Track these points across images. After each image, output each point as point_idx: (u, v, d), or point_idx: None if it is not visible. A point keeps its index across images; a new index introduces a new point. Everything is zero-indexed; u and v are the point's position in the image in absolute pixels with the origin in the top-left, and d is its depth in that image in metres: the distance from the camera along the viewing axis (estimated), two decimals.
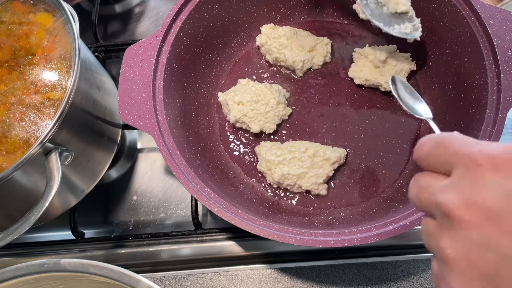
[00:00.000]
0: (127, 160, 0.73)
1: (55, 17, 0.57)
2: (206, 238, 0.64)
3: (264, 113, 0.65)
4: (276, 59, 0.70)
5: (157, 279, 0.62)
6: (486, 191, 0.26)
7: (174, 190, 0.70)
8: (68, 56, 0.54)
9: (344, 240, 0.48)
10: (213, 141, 0.67)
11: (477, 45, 0.56)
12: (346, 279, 0.60)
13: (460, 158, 0.28)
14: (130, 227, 0.68)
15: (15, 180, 0.49)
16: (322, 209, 0.62)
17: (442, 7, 0.60)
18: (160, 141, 0.54)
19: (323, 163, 0.61)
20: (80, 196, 0.62)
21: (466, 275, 0.27)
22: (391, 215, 0.51)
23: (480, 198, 0.26)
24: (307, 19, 0.75)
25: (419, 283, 0.60)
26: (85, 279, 0.43)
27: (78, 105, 0.53)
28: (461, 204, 0.27)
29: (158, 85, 0.58)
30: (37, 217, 0.48)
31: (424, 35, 0.66)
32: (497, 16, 0.55)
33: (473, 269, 0.27)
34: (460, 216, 0.27)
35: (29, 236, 0.69)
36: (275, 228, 0.49)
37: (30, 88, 0.53)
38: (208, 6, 0.65)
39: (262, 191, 0.64)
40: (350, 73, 0.69)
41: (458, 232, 0.27)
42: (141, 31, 0.85)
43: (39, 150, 0.48)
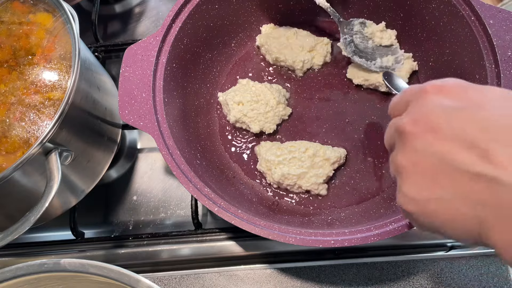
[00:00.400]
0: (127, 160, 0.73)
1: (55, 17, 0.57)
2: (206, 238, 0.64)
3: (264, 113, 0.65)
4: (276, 59, 0.70)
5: (157, 279, 0.62)
6: (428, 109, 0.32)
7: (174, 190, 0.70)
8: (68, 56, 0.54)
9: (344, 240, 0.48)
10: (213, 141, 0.67)
11: (477, 45, 0.56)
12: (346, 279, 0.60)
13: (414, 93, 0.34)
14: (130, 227, 0.68)
15: (15, 180, 0.49)
16: (322, 209, 0.62)
17: (442, 7, 0.60)
18: (160, 141, 0.54)
19: (323, 163, 0.61)
20: (80, 196, 0.62)
21: (412, 178, 0.32)
22: (391, 215, 0.51)
23: (424, 114, 0.32)
24: (307, 19, 0.75)
25: (419, 283, 0.60)
26: (85, 279, 0.43)
27: (78, 105, 0.53)
28: (410, 122, 0.33)
29: (158, 85, 0.58)
30: (37, 217, 0.48)
31: (424, 35, 0.66)
32: (497, 16, 0.55)
33: (418, 172, 0.32)
34: (408, 131, 0.32)
35: (29, 236, 0.69)
36: (275, 228, 0.49)
37: (30, 88, 0.53)
38: (208, 6, 0.65)
39: (262, 191, 0.64)
40: (348, 73, 0.69)
41: (407, 145, 0.33)
42: (141, 31, 0.85)
43: (39, 150, 0.48)
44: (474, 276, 0.60)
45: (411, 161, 0.32)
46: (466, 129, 0.29)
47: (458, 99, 0.31)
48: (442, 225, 0.31)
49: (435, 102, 0.32)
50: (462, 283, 0.59)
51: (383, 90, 0.67)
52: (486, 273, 0.60)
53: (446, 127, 0.30)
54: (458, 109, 0.30)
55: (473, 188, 0.28)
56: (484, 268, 0.60)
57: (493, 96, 0.30)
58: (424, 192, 0.31)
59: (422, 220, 0.33)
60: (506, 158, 0.27)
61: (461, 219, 0.30)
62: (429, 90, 0.33)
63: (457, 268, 0.60)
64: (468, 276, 0.60)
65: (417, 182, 0.32)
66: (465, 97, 0.31)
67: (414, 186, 0.32)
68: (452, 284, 0.59)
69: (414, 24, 0.67)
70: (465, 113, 0.30)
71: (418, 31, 0.67)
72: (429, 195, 0.31)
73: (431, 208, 0.31)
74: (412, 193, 0.32)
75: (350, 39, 0.67)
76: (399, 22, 0.68)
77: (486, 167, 0.27)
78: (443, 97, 0.32)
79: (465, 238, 0.31)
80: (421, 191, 0.31)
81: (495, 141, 0.28)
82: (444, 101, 0.31)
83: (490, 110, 0.29)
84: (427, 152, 0.31)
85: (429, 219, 0.32)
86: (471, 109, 0.30)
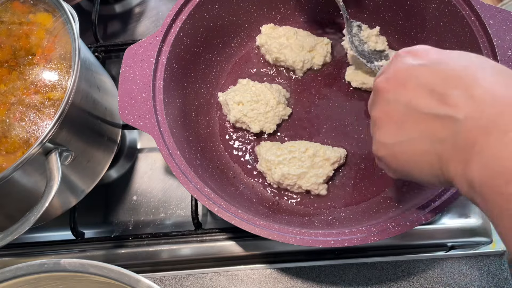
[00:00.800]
0: (127, 160, 0.73)
1: (55, 17, 0.57)
2: (206, 238, 0.64)
3: (264, 113, 0.65)
4: (276, 59, 0.70)
5: (157, 279, 0.62)
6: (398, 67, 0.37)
7: (174, 190, 0.70)
8: (68, 56, 0.54)
9: (344, 240, 0.48)
10: (213, 141, 0.67)
11: (477, 45, 0.56)
12: (346, 279, 0.60)
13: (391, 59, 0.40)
14: (130, 227, 0.68)
15: (15, 180, 0.49)
16: (322, 209, 0.62)
17: (442, 7, 0.60)
18: (160, 141, 0.54)
19: (323, 163, 0.61)
20: (80, 196, 0.62)
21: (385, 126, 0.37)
22: (391, 215, 0.51)
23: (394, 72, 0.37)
24: (307, 19, 0.75)
25: (419, 283, 0.60)
26: (85, 279, 0.42)
27: (78, 105, 0.53)
28: (383, 80, 0.38)
29: (158, 85, 0.58)
30: (37, 217, 0.48)
31: (424, 35, 0.66)
32: (497, 16, 0.55)
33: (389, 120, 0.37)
34: (381, 87, 0.38)
35: (29, 236, 0.69)
36: (275, 228, 0.49)
37: (30, 88, 0.53)
38: (208, 6, 0.65)
39: (262, 191, 0.64)
40: (346, 76, 0.69)
41: (380, 99, 0.38)
42: (141, 31, 0.85)
43: (39, 150, 0.48)
44: (474, 276, 0.60)
45: (384, 112, 0.37)
46: (428, 80, 0.34)
47: (423, 58, 0.36)
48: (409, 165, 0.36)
49: (404, 61, 0.37)
50: (462, 283, 0.59)
51: None
52: (486, 273, 0.60)
53: (412, 80, 0.35)
54: (422, 65, 0.36)
55: (433, 128, 0.33)
56: (484, 268, 0.60)
57: (450, 54, 0.36)
58: (393, 137, 0.36)
59: (392, 163, 0.38)
60: (459, 100, 0.31)
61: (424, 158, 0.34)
62: (400, 53, 0.38)
63: (457, 268, 0.60)
64: (468, 276, 0.60)
65: (388, 129, 0.37)
66: (428, 56, 0.36)
67: (385, 133, 0.37)
68: (452, 284, 0.59)
69: (414, 24, 0.67)
70: (427, 67, 0.35)
71: (418, 31, 0.67)
72: (397, 139, 0.36)
73: (398, 150, 0.36)
74: (384, 138, 0.37)
75: (351, 40, 0.67)
76: (399, 22, 0.68)
77: (444, 108, 0.32)
78: (410, 57, 0.37)
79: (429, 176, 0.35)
80: (391, 136, 0.36)
81: (451, 87, 0.32)
82: (411, 60, 0.37)
83: (447, 64, 0.34)
84: (397, 102, 0.36)
85: (397, 161, 0.37)
86: (432, 64, 0.35)
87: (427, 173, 0.35)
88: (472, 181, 0.29)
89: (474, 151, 0.29)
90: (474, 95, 0.31)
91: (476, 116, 0.30)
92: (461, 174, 0.30)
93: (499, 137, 0.28)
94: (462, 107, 0.31)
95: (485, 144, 0.28)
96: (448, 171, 0.32)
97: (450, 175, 0.32)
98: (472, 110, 0.30)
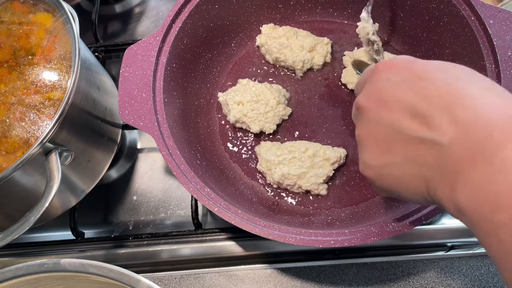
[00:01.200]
0: (127, 160, 0.73)
1: (55, 17, 0.57)
2: (206, 238, 0.64)
3: (264, 113, 0.65)
4: (276, 59, 0.70)
5: (157, 279, 0.62)
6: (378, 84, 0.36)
7: (174, 190, 0.70)
8: (68, 56, 0.54)
9: (344, 240, 0.48)
10: (213, 141, 0.67)
11: (477, 45, 0.56)
12: (346, 279, 0.60)
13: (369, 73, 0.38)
14: (130, 227, 0.68)
15: (15, 180, 0.49)
16: (322, 209, 0.62)
17: (442, 7, 0.60)
18: (160, 141, 0.54)
19: (323, 163, 0.61)
20: (80, 196, 0.62)
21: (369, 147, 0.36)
22: (391, 215, 0.51)
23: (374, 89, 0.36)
24: (307, 19, 0.75)
25: (419, 283, 0.60)
26: (85, 279, 0.43)
27: (78, 105, 0.53)
28: (364, 98, 0.37)
29: (158, 85, 0.58)
30: (37, 217, 0.48)
31: (424, 35, 0.66)
32: (497, 16, 0.55)
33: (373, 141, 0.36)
34: (362, 106, 0.37)
35: (29, 236, 0.69)
36: (275, 228, 0.49)
37: (30, 88, 0.53)
38: (208, 6, 0.65)
39: (262, 191, 0.64)
40: (342, 79, 0.69)
41: (362, 118, 0.37)
42: (141, 31, 0.85)
43: (39, 150, 0.48)
44: (474, 276, 0.60)
45: (366, 131, 0.36)
46: (409, 99, 0.33)
47: (403, 73, 0.34)
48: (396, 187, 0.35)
49: (383, 77, 0.36)
50: (462, 283, 0.59)
51: None
52: (486, 273, 0.60)
53: (393, 99, 0.34)
54: (401, 81, 0.34)
55: (418, 152, 0.32)
56: (484, 268, 0.60)
57: (432, 67, 0.34)
58: (378, 159, 0.35)
59: (380, 184, 0.37)
60: (443, 122, 0.30)
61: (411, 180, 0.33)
62: (380, 67, 0.37)
63: (457, 268, 0.60)
64: (468, 276, 0.60)
65: (373, 150, 0.36)
66: (408, 70, 0.34)
67: (370, 154, 0.36)
68: (452, 284, 0.59)
69: (414, 24, 0.67)
70: (407, 84, 0.33)
71: (418, 31, 0.67)
72: (382, 161, 0.35)
73: (385, 173, 0.35)
74: (369, 160, 0.36)
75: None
76: (399, 22, 0.68)
77: (427, 132, 0.31)
78: (390, 73, 0.35)
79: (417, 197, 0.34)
80: (376, 158, 0.36)
81: (433, 108, 0.31)
82: (391, 76, 0.35)
83: (428, 80, 0.32)
84: (379, 122, 0.35)
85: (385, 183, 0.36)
86: (413, 80, 0.33)
87: (416, 195, 0.34)
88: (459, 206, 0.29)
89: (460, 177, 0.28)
90: (457, 117, 0.29)
91: (460, 141, 0.29)
92: (449, 198, 0.30)
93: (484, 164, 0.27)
94: (446, 130, 0.29)
95: (471, 172, 0.28)
96: (435, 194, 0.31)
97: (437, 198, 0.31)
98: (456, 135, 0.29)
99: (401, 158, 0.33)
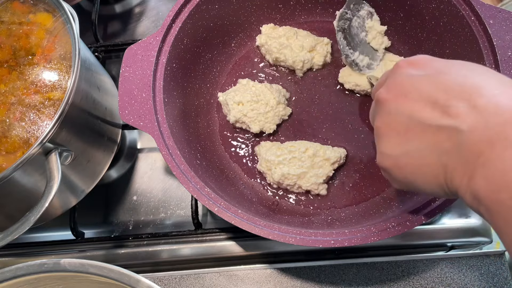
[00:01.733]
0: (127, 160, 0.73)
1: (55, 17, 0.57)
2: (206, 238, 0.64)
3: (264, 113, 0.65)
4: (276, 59, 0.70)
5: (157, 279, 0.62)
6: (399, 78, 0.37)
7: (174, 190, 0.70)
8: (68, 56, 0.54)
9: (344, 240, 0.48)
10: (213, 141, 0.67)
11: (477, 45, 0.56)
12: (346, 279, 0.61)
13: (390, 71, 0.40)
14: (130, 227, 0.68)
15: (15, 180, 0.49)
16: (322, 209, 0.62)
17: (442, 7, 0.60)
18: (160, 141, 0.54)
19: (323, 163, 0.61)
20: (80, 196, 0.62)
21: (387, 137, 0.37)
22: (391, 215, 0.51)
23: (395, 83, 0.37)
24: (307, 19, 0.75)
25: (419, 283, 0.60)
26: (85, 279, 0.43)
27: (78, 105, 0.53)
28: (385, 91, 0.38)
29: (158, 85, 0.58)
30: (37, 217, 0.48)
31: (424, 35, 0.66)
32: (497, 16, 0.55)
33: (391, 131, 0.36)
34: (383, 98, 0.37)
35: (29, 236, 0.69)
36: (275, 228, 0.49)
37: (30, 88, 0.53)
38: (208, 6, 0.65)
39: (262, 191, 0.64)
40: (339, 78, 0.69)
41: (382, 110, 0.38)
42: (141, 31, 0.85)
43: (39, 150, 0.48)
44: (474, 276, 0.60)
45: (386, 123, 0.37)
46: (430, 91, 0.34)
47: (423, 68, 0.36)
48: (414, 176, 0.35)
49: (405, 72, 0.37)
50: (462, 283, 0.59)
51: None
52: (486, 273, 0.60)
53: (414, 91, 0.35)
54: (423, 75, 0.35)
55: (438, 139, 0.32)
56: (484, 268, 0.60)
57: (452, 64, 0.35)
58: (397, 148, 0.36)
59: (396, 174, 0.37)
60: (462, 110, 0.31)
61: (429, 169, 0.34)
62: (401, 64, 0.38)
63: (457, 268, 0.60)
64: (468, 276, 0.60)
65: (391, 140, 0.36)
66: (430, 66, 0.36)
67: (388, 144, 0.37)
68: (452, 284, 0.59)
69: (414, 24, 0.67)
70: (429, 78, 0.35)
71: (418, 31, 0.67)
72: (401, 150, 0.35)
73: (403, 162, 0.36)
74: (387, 150, 0.37)
75: (349, 17, 0.66)
76: (399, 22, 0.68)
77: (447, 119, 0.32)
78: (411, 68, 0.37)
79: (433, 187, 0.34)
80: (394, 147, 0.36)
81: (453, 97, 0.32)
82: (412, 71, 0.37)
83: (449, 74, 0.34)
84: (398, 113, 0.35)
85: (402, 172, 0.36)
86: (434, 75, 0.35)
87: (432, 184, 0.34)
88: (476, 193, 0.29)
89: (478, 163, 0.29)
90: (477, 105, 0.30)
91: (479, 127, 0.29)
92: (466, 185, 0.30)
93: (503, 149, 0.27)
94: (465, 117, 0.30)
95: (489, 157, 0.28)
96: (452, 182, 0.32)
97: (455, 186, 0.32)
98: (475, 121, 0.30)
99: (419, 147, 0.34)
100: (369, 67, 0.67)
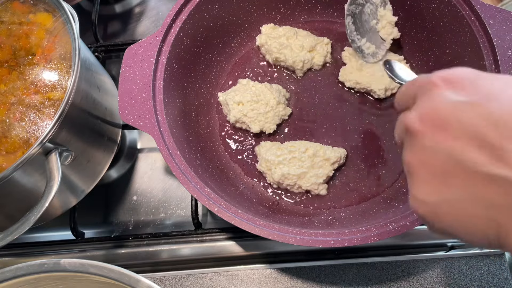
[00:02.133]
0: (127, 160, 0.73)
1: (55, 17, 0.57)
2: (206, 238, 0.64)
3: (264, 113, 0.65)
4: (276, 59, 0.70)
5: (157, 279, 0.62)
6: (436, 103, 0.29)
7: (174, 190, 0.70)
8: (68, 56, 0.54)
9: (344, 240, 0.48)
10: (213, 141, 0.67)
11: (477, 45, 0.56)
12: (346, 279, 0.61)
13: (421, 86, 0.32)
14: (130, 227, 0.68)
15: (15, 180, 0.49)
16: (322, 209, 0.62)
17: (442, 7, 0.60)
18: (160, 141, 0.54)
19: (323, 163, 0.61)
20: (80, 196, 0.62)
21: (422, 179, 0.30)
22: (391, 215, 0.51)
23: (431, 110, 0.29)
24: (307, 19, 0.75)
25: (419, 283, 0.60)
26: (85, 279, 0.43)
27: (78, 105, 0.53)
28: (417, 118, 0.30)
29: (158, 85, 0.58)
30: (37, 217, 0.48)
31: (424, 35, 0.66)
32: (497, 16, 0.55)
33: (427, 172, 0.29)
34: (416, 129, 0.30)
35: (29, 236, 0.69)
36: (275, 228, 0.49)
37: (30, 88, 0.53)
38: (208, 6, 0.65)
39: (262, 191, 0.64)
40: (340, 76, 0.69)
41: (415, 143, 0.30)
42: (141, 31, 0.85)
43: (39, 150, 0.48)
44: (474, 276, 0.60)
45: (420, 160, 0.30)
46: (477, 125, 0.27)
47: (467, 91, 0.29)
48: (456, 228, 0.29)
49: (443, 96, 0.29)
50: (462, 283, 0.59)
51: (376, 96, 0.67)
52: (486, 273, 0.60)
53: (455, 124, 0.28)
54: (467, 103, 0.28)
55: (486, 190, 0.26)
56: (484, 268, 0.60)
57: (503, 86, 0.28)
58: (435, 194, 0.29)
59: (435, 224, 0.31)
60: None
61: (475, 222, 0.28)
62: (437, 82, 0.30)
63: (457, 268, 0.60)
64: (468, 276, 0.60)
65: (427, 183, 0.30)
66: (474, 88, 0.28)
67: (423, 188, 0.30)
68: (452, 284, 0.59)
69: (414, 24, 0.67)
70: (475, 107, 0.27)
71: (418, 31, 0.67)
72: (440, 197, 0.29)
73: (442, 211, 0.29)
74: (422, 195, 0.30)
75: (362, 2, 0.65)
76: (399, 22, 0.68)
77: (499, 168, 0.25)
78: (451, 90, 0.29)
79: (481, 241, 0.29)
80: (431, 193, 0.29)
81: (508, 138, 0.25)
82: (452, 95, 0.29)
83: (500, 102, 0.27)
84: (436, 151, 0.29)
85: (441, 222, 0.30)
86: (481, 102, 0.27)
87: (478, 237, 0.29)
88: None
89: None
90: None
91: None
92: None
93: None
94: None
95: None
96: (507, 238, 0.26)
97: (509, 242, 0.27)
98: None
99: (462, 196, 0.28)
100: (374, 56, 0.67)
